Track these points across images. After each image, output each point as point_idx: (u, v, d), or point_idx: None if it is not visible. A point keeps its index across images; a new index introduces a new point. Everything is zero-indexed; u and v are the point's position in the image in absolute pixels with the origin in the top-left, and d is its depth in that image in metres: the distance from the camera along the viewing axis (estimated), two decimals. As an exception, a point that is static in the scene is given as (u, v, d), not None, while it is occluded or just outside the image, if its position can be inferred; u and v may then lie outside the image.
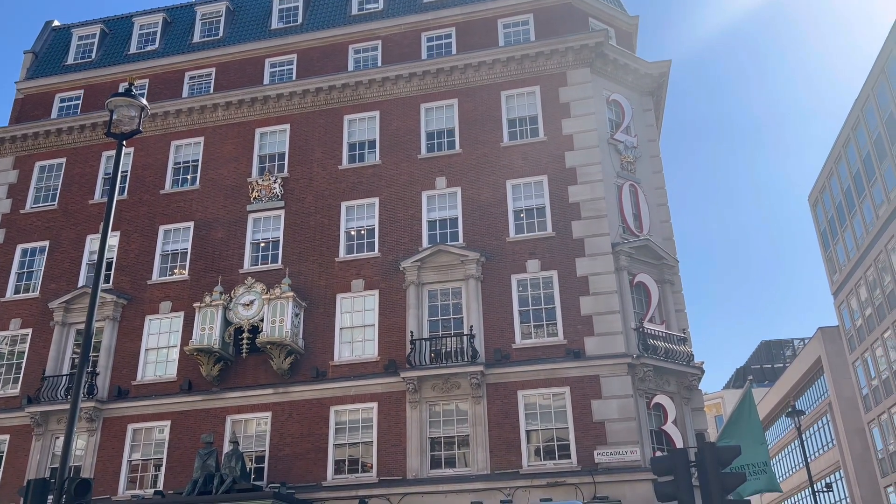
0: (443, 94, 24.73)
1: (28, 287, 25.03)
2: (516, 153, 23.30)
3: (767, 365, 73.63)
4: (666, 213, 23.57)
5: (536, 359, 20.44)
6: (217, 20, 28.95)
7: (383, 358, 21.29)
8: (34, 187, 26.74)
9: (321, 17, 27.91)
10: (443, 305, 21.67)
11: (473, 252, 21.72)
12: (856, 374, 46.74)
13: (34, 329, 24.08)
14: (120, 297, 23.61)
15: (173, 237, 24.67)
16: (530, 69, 24.27)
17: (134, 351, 23.06)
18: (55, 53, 30.07)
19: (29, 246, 25.65)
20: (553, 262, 21.54)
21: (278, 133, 25.55)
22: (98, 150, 26.67)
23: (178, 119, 26.27)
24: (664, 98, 26.20)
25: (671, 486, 11.79)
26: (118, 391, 22.52)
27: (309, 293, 22.55)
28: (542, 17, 25.59)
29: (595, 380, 19.96)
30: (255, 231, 24.10)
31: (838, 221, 48.97)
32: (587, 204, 22.06)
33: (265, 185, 24.46)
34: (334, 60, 26.51)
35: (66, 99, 28.57)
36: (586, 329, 20.57)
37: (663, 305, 21.72)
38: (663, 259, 22.18)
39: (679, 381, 20.80)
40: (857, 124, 44.32)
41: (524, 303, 21.31)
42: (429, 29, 26.35)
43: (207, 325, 21.66)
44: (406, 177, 23.70)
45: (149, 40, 29.20)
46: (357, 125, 25.12)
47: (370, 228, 23.30)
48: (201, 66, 27.79)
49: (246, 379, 21.94)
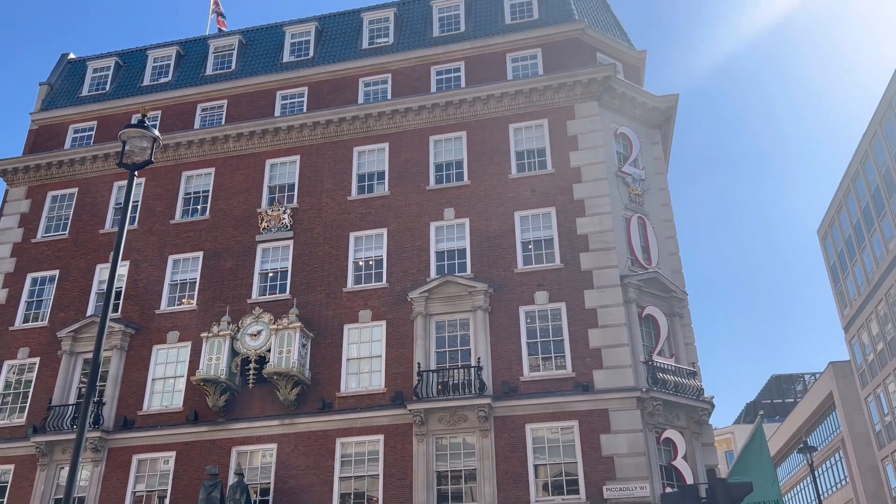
0: (451, 126, 24.93)
1: (37, 316, 25.11)
2: (524, 185, 23.38)
3: (778, 400, 72.75)
4: (674, 245, 23.53)
5: (544, 392, 20.28)
6: (230, 53, 29.38)
7: (390, 389, 21.17)
8: (46, 217, 26.96)
9: (332, 51, 28.30)
10: (450, 337, 21.59)
11: (481, 283, 21.69)
12: (868, 409, 46.10)
13: (42, 358, 24.10)
14: (128, 326, 23.65)
15: (182, 267, 24.76)
16: (538, 102, 24.47)
17: (141, 381, 23.02)
18: (70, 85, 30.53)
19: (39, 275, 25.78)
20: (561, 293, 21.48)
21: (288, 164, 25.77)
22: (110, 181, 26.94)
23: (190, 150, 26.54)
24: (672, 131, 26.31)
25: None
26: (124, 421, 22.44)
27: (316, 323, 22.52)
28: (550, 51, 25.86)
29: (604, 414, 19.76)
30: (263, 261, 24.17)
31: (848, 255, 48.73)
32: (595, 236, 22.06)
33: (274, 215, 24.60)
34: (345, 93, 26.82)
35: (80, 130, 28.94)
36: (595, 362, 20.42)
37: (672, 339, 21.57)
38: (672, 292, 22.09)
39: (689, 416, 20.57)
40: (866, 158, 44.32)
41: (532, 335, 21.21)
42: (438, 63, 26.66)
43: (214, 356, 21.63)
44: (414, 208, 23.80)
45: (162, 72, 29.63)
46: (366, 156, 25.31)
47: (378, 259, 23.34)
48: (213, 98, 28.15)
49: (252, 410, 21.83)
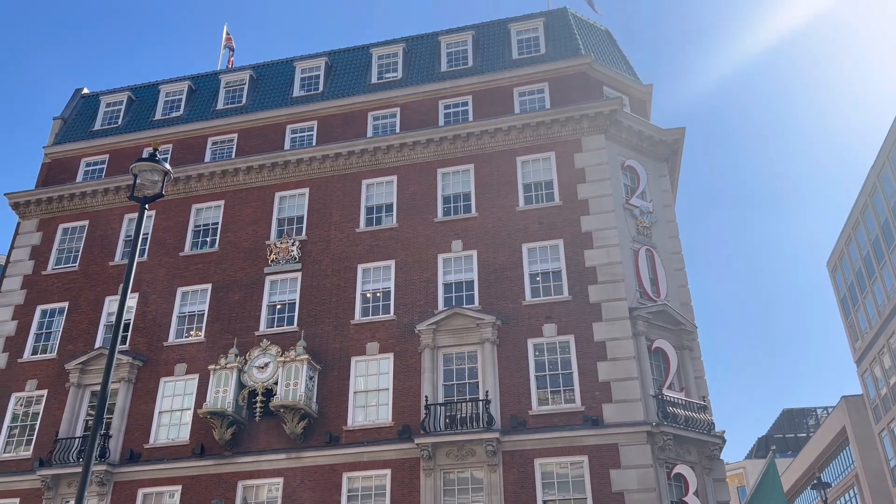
0: (459, 159, 25.10)
1: (46, 348, 25.15)
2: (532, 217, 23.43)
3: (790, 434, 71.71)
4: (683, 277, 23.45)
5: (553, 426, 20.09)
6: (240, 88, 29.79)
7: (397, 423, 21.02)
8: (56, 249, 27.14)
9: (342, 86, 28.65)
10: (458, 369, 21.48)
11: (489, 315, 21.63)
12: (882, 444, 45.35)
13: (49, 390, 24.07)
14: (136, 358, 23.64)
15: (191, 299, 24.82)
16: (545, 135, 24.63)
17: (148, 413, 22.94)
18: (83, 119, 30.96)
19: (49, 307, 25.88)
20: (570, 326, 21.39)
21: (297, 197, 25.94)
22: (120, 213, 27.16)
23: (200, 183, 26.78)
24: (679, 163, 26.40)
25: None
26: (130, 454, 22.31)
27: (324, 356, 22.46)
28: (556, 85, 26.11)
29: (614, 448, 19.53)
30: (271, 293, 24.21)
31: (858, 288, 48.40)
32: (603, 268, 22.02)
33: (283, 247, 24.70)
34: (354, 127, 27.09)
35: (92, 163, 29.26)
36: (604, 395, 20.24)
37: (682, 372, 21.38)
38: (681, 325, 21.95)
39: (700, 451, 20.30)
40: (874, 191, 44.25)
41: (541, 367, 21.07)
42: (446, 97, 26.94)
43: (222, 388, 21.57)
44: (422, 239, 23.86)
45: (174, 107, 30.04)
46: (375, 189, 25.47)
47: (386, 291, 23.34)
48: (224, 132, 28.47)
49: (259, 443, 21.69)
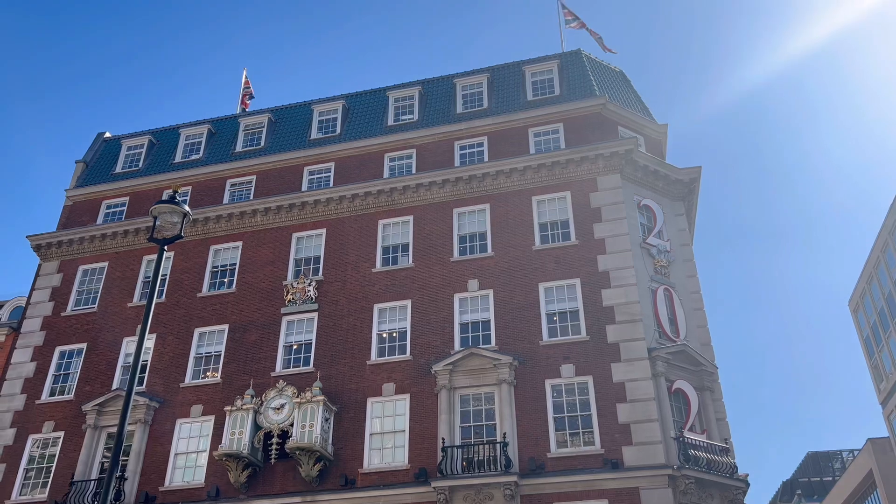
0: (475, 199, 25.19)
1: (63, 389, 25.18)
2: (548, 257, 23.37)
3: (816, 478, 69.87)
4: (703, 317, 23.19)
5: (573, 469, 19.73)
6: (259, 130, 30.24)
7: (414, 465, 20.74)
8: (76, 290, 27.36)
9: (359, 128, 29.01)
10: (475, 411, 21.22)
11: (506, 356, 21.45)
12: (912, 488, 44.05)
13: (66, 432, 24.04)
14: (152, 400, 23.60)
15: (208, 339, 24.85)
16: (561, 175, 24.70)
17: (163, 455, 22.81)
18: (104, 162, 31.48)
19: (67, 348, 25.99)
20: (588, 367, 21.14)
21: (314, 237, 26.08)
22: (139, 255, 27.40)
23: (218, 224, 27.02)
24: (696, 202, 26.32)
25: None
26: (146, 497, 22.13)
27: (340, 397, 22.31)
28: (571, 126, 26.26)
29: (635, 492, 19.12)
30: (288, 333, 24.20)
31: (881, 328, 47.59)
32: (621, 308, 21.84)
33: (300, 287, 24.75)
34: (370, 168, 27.33)
35: (112, 205, 29.67)
36: (624, 438, 19.89)
37: (703, 414, 21.00)
38: (702, 365, 21.64)
39: (723, 495, 19.81)
40: (895, 228, 43.81)
41: (559, 409, 20.79)
42: (462, 138, 27.17)
43: (238, 430, 21.44)
44: (438, 279, 23.83)
45: (193, 150, 30.51)
46: (391, 229, 25.56)
47: (402, 331, 23.25)
48: (242, 174, 28.82)
49: (274, 486, 21.45)
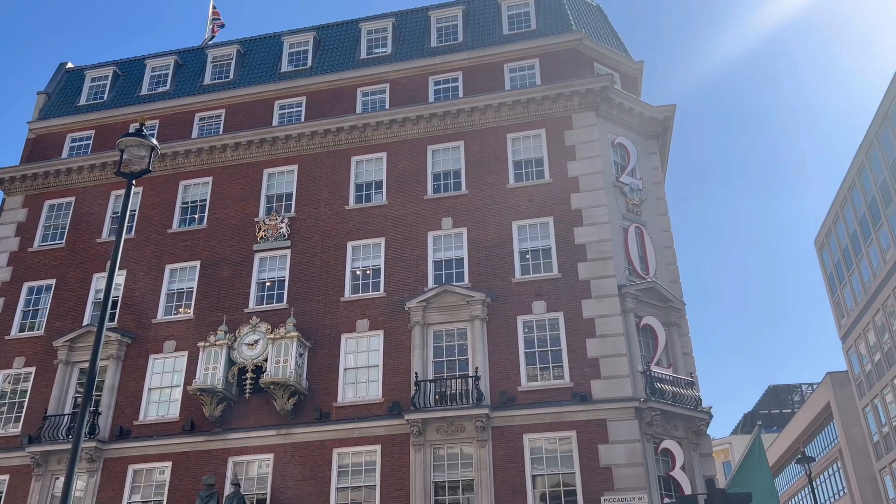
0: (449, 136, 24.97)
1: (33, 325, 25.01)
2: (522, 195, 23.40)
3: (776, 410, 72.68)
4: (672, 255, 23.54)
5: (542, 402, 20.23)
6: (228, 63, 29.44)
7: (387, 399, 21.10)
8: (42, 226, 26.89)
9: (330, 61, 28.36)
10: (448, 346, 21.54)
11: (479, 293, 21.67)
12: (866, 420, 46.05)
13: (37, 368, 23.98)
14: (124, 335, 23.56)
15: (179, 276, 24.71)
16: (536, 112, 24.53)
17: (137, 390, 22.92)
18: (68, 94, 30.54)
19: (35, 284, 25.69)
20: (559, 303, 21.46)
21: (286, 174, 25.77)
22: (107, 190, 26.90)
23: (188, 159, 26.54)
24: (669, 141, 26.38)
25: (681, 534, 11.56)
26: (120, 431, 22.32)
27: (314, 333, 22.46)
28: (547, 62, 25.94)
29: (602, 424, 19.71)
30: (261, 270, 24.13)
31: (845, 266, 48.81)
32: (593, 246, 22.07)
33: (272, 224, 24.58)
34: (342, 103, 26.86)
35: (78, 139, 28.92)
36: (593, 372, 20.38)
37: (670, 349, 21.55)
38: (670, 302, 22.08)
39: (687, 426, 20.52)
40: (862, 169, 44.47)
41: (530, 344, 21.17)
42: (436, 73, 26.72)
43: (211, 365, 21.55)
44: (412, 217, 23.79)
45: (160, 82, 29.67)
46: (364, 166, 25.33)
47: (376, 268, 23.31)
48: (211, 108, 28.16)
49: (248, 420, 21.73)
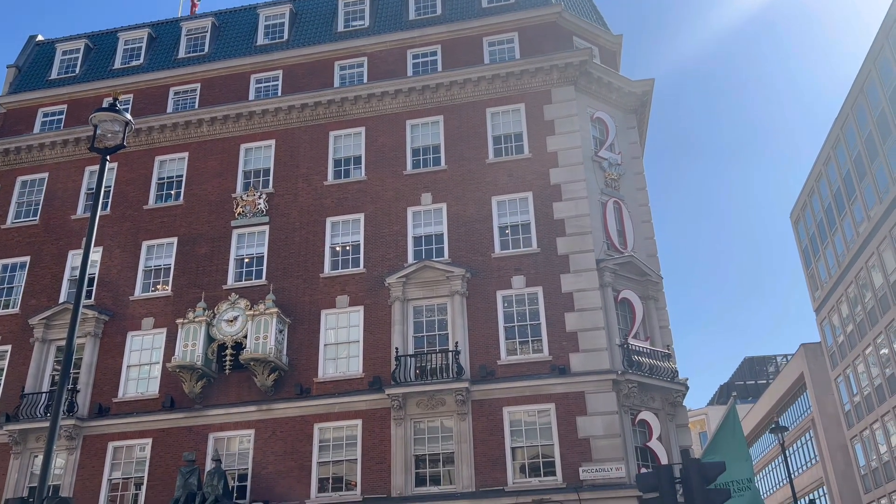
0: (428, 110, 24.83)
1: (8, 303, 24.72)
2: (501, 170, 23.40)
3: (751, 381, 74.04)
4: (650, 229, 23.73)
5: (522, 375, 20.43)
6: (202, 36, 28.94)
7: (368, 375, 21.19)
8: (16, 202, 26.47)
9: (307, 34, 27.99)
10: (428, 322, 21.62)
11: (459, 268, 21.73)
12: (838, 390, 47.08)
13: (13, 345, 23.74)
14: (101, 313, 23.37)
15: (156, 253, 24.49)
16: (515, 87, 24.44)
17: (115, 368, 22.80)
18: (39, 68, 29.90)
19: (10, 262, 25.35)
20: (538, 278, 21.60)
21: (263, 149, 25.52)
22: (81, 166, 26.49)
23: (163, 134, 26.18)
24: (648, 116, 26.45)
25: (657, 502, 11.81)
26: (99, 408, 22.23)
27: (293, 309, 22.43)
28: (526, 35, 25.81)
29: (580, 396, 19.97)
30: (239, 247, 23.98)
31: (819, 239, 49.52)
32: (572, 220, 22.17)
33: (250, 200, 24.39)
34: (320, 77, 26.57)
35: (50, 114, 28.38)
36: (571, 345, 20.59)
37: (647, 322, 21.81)
38: (647, 276, 22.30)
39: (664, 398, 20.85)
40: (838, 143, 44.96)
41: (509, 319, 21.32)
42: (414, 46, 26.49)
43: (190, 342, 21.47)
44: (391, 193, 23.72)
45: (133, 55, 29.13)
46: (342, 141, 25.14)
47: (355, 244, 23.26)
48: (186, 82, 27.72)
49: (229, 396, 21.73)
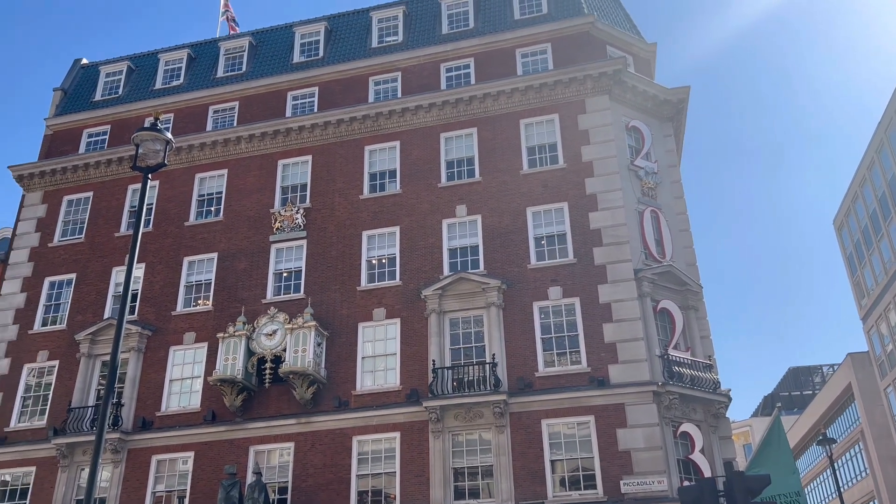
0: (462, 123, 24.92)
1: (55, 319, 25.35)
2: (536, 180, 23.34)
3: (796, 392, 72.26)
4: (688, 238, 23.41)
5: (560, 387, 20.25)
6: (240, 55, 29.51)
7: (405, 387, 21.22)
8: (62, 221, 27.20)
9: (342, 51, 28.35)
10: (464, 333, 21.60)
11: (494, 279, 21.68)
12: (888, 400, 45.65)
13: (61, 361, 24.32)
14: (145, 328, 23.84)
15: (197, 268, 24.92)
16: (549, 97, 24.40)
17: (158, 382, 23.21)
18: (83, 90, 30.77)
19: (56, 279, 26.02)
20: (575, 288, 21.43)
21: (300, 164, 25.86)
22: (124, 184, 27.14)
23: (203, 152, 26.69)
24: (684, 123, 26.17)
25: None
26: (142, 422, 22.63)
27: (331, 322, 22.60)
28: (559, 46, 25.77)
29: (620, 408, 19.72)
30: (277, 261, 24.28)
31: (865, 245, 48.27)
32: (608, 230, 21.99)
33: (287, 215, 24.70)
34: (355, 92, 26.86)
35: (94, 134, 29.17)
36: (610, 356, 20.37)
37: (688, 332, 21.47)
38: (687, 285, 21.98)
39: (706, 409, 20.48)
40: (881, 147, 43.85)
41: (546, 330, 21.18)
42: (447, 60, 26.64)
43: (231, 356, 21.77)
44: (426, 205, 23.81)
45: (174, 76, 29.81)
46: (377, 155, 25.35)
47: (391, 257, 23.38)
48: (225, 100, 28.28)
49: (269, 409, 21.95)
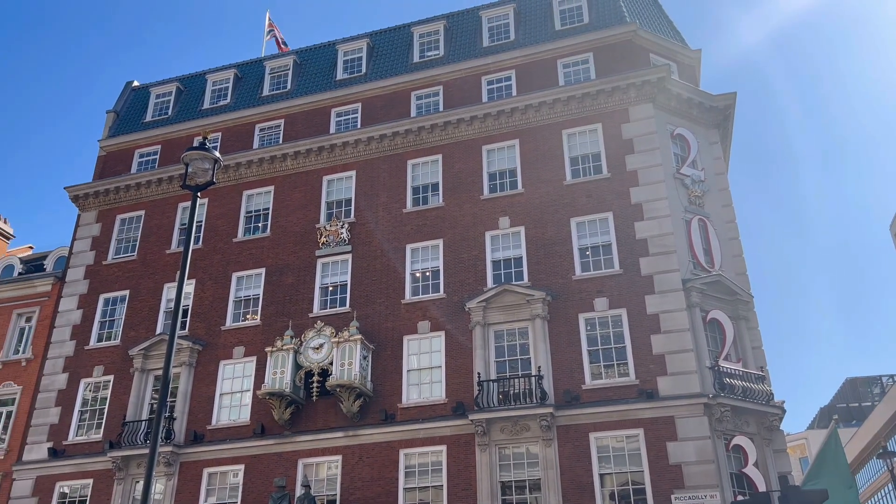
0: (504, 135, 24.91)
1: (110, 335, 26.05)
2: (580, 191, 23.17)
3: (854, 403, 69.91)
4: (738, 247, 22.93)
5: (608, 400, 19.99)
6: (285, 73, 30.07)
7: (451, 400, 21.19)
8: (115, 239, 28.00)
9: (384, 67, 28.66)
10: (509, 346, 21.49)
11: (539, 291, 21.55)
12: (953, 412, 43.85)
13: (115, 376, 24.97)
14: (195, 343, 24.31)
15: (246, 284, 25.37)
16: (591, 107, 24.24)
17: (209, 395, 23.62)
18: (134, 111, 31.70)
19: (111, 295, 26.76)
20: (622, 300, 21.16)
21: (344, 179, 26.17)
22: (174, 202, 27.82)
23: (250, 169, 27.22)
24: (731, 129, 25.72)
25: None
26: (194, 436, 23.04)
27: (376, 335, 22.74)
28: (601, 55, 25.61)
29: (670, 421, 19.35)
30: (323, 275, 24.56)
31: (924, 251, 46.62)
32: (655, 240, 21.68)
33: (333, 230, 24.99)
34: (397, 107, 27.11)
35: (145, 154, 30.02)
36: (659, 368, 20.03)
37: (739, 343, 21.00)
38: (737, 295, 21.52)
39: (759, 422, 19.97)
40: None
41: (593, 342, 20.95)
42: (488, 73, 26.71)
43: (279, 369, 22.05)
44: (469, 218, 23.83)
45: (221, 95, 30.52)
46: (420, 169, 25.50)
47: (435, 270, 23.44)
48: (270, 118, 28.83)
49: (317, 422, 22.14)
